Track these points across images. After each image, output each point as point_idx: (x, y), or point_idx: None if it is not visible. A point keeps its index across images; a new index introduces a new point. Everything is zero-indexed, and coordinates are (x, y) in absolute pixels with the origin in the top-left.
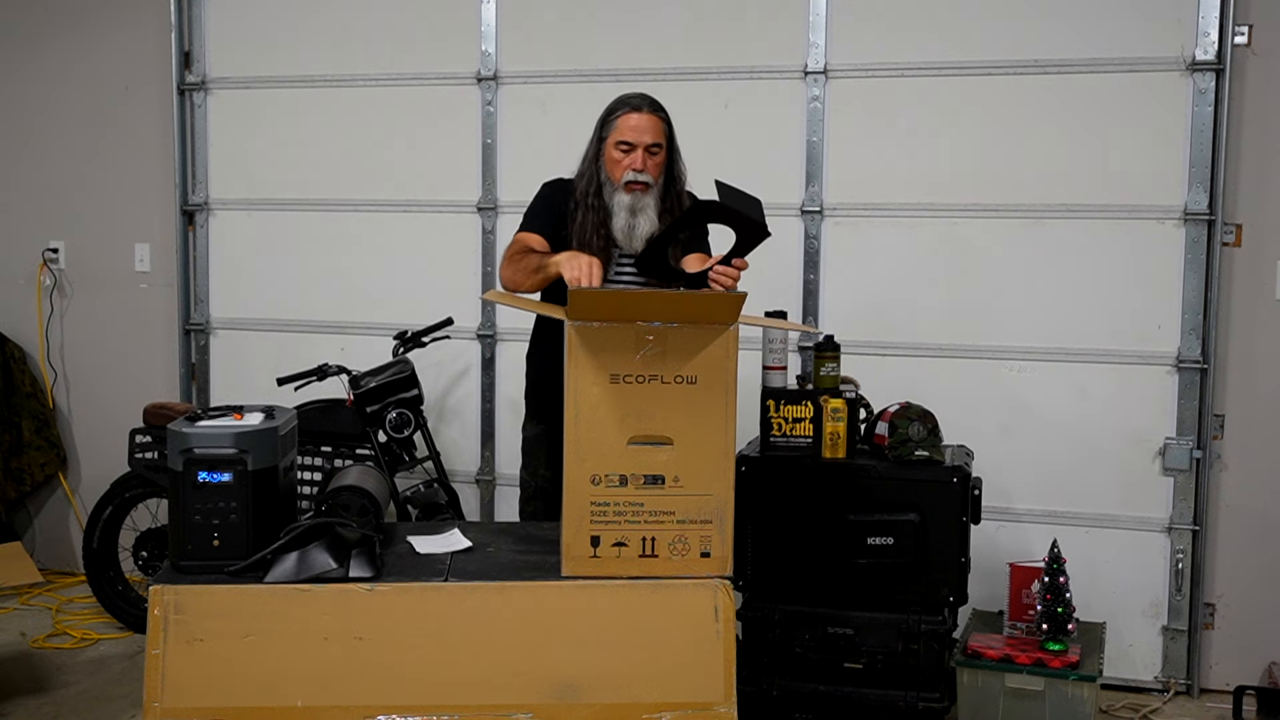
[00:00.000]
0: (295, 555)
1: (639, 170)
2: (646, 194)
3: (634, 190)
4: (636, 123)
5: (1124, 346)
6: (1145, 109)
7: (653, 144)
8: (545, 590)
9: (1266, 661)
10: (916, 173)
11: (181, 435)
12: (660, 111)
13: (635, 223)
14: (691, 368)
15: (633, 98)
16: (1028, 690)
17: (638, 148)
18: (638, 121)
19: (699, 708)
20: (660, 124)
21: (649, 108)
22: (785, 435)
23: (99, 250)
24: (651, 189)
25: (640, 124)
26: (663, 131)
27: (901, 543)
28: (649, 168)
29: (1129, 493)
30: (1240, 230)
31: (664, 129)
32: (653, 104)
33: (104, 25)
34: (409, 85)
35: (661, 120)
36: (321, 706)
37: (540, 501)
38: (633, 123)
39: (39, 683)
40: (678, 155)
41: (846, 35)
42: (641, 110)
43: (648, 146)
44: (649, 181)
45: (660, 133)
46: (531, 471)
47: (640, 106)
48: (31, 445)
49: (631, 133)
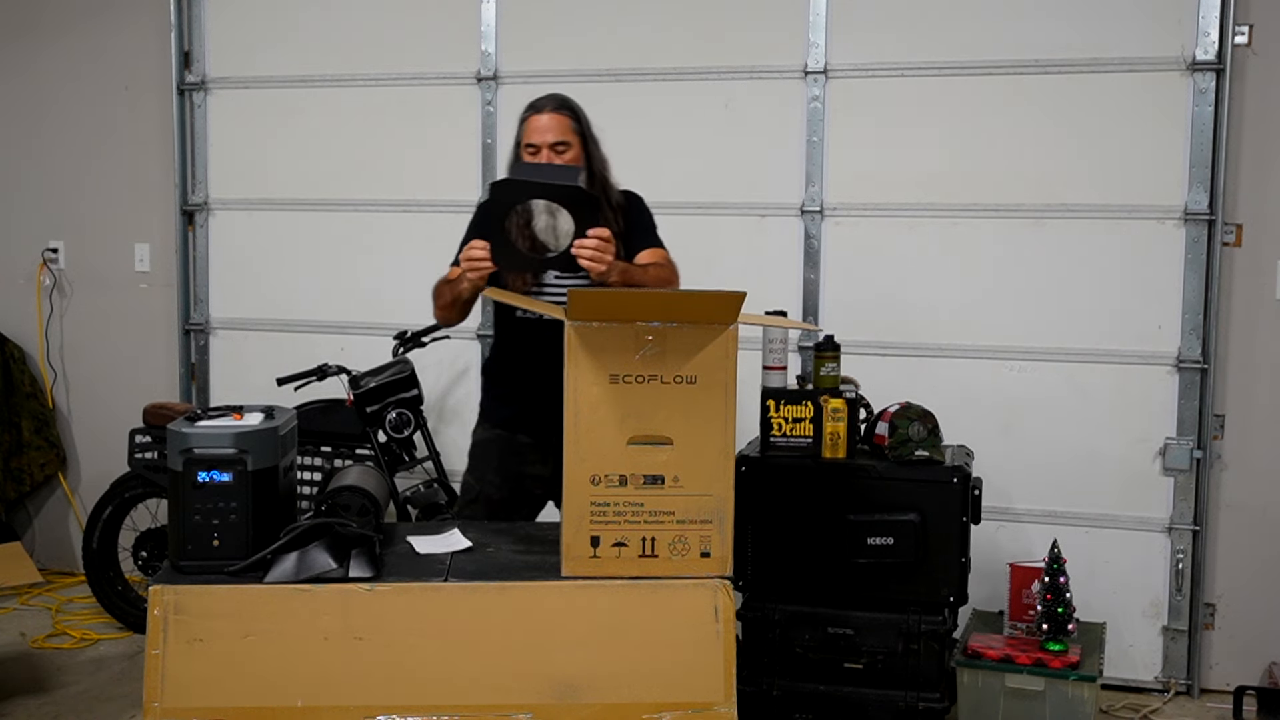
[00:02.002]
0: (295, 555)
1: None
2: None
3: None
4: (539, 124)
5: (1124, 346)
6: (1145, 109)
7: (557, 142)
8: (545, 590)
9: (1266, 661)
10: (916, 173)
11: (181, 435)
12: (565, 110)
13: (555, 223)
14: (691, 367)
15: (539, 100)
16: (1028, 690)
17: (542, 149)
18: (541, 123)
19: (699, 708)
20: (565, 121)
21: (552, 107)
22: (785, 435)
23: (99, 250)
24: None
25: (543, 125)
26: (569, 128)
27: (901, 543)
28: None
29: (1129, 493)
30: (1240, 230)
31: (571, 125)
32: (558, 103)
33: (104, 25)
34: (409, 85)
35: (567, 117)
36: (321, 706)
37: (482, 506)
38: (537, 124)
39: (39, 683)
40: (594, 148)
41: (846, 35)
42: (544, 111)
43: (552, 145)
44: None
45: (566, 129)
46: (478, 476)
47: (543, 108)
48: (31, 445)
49: (536, 134)
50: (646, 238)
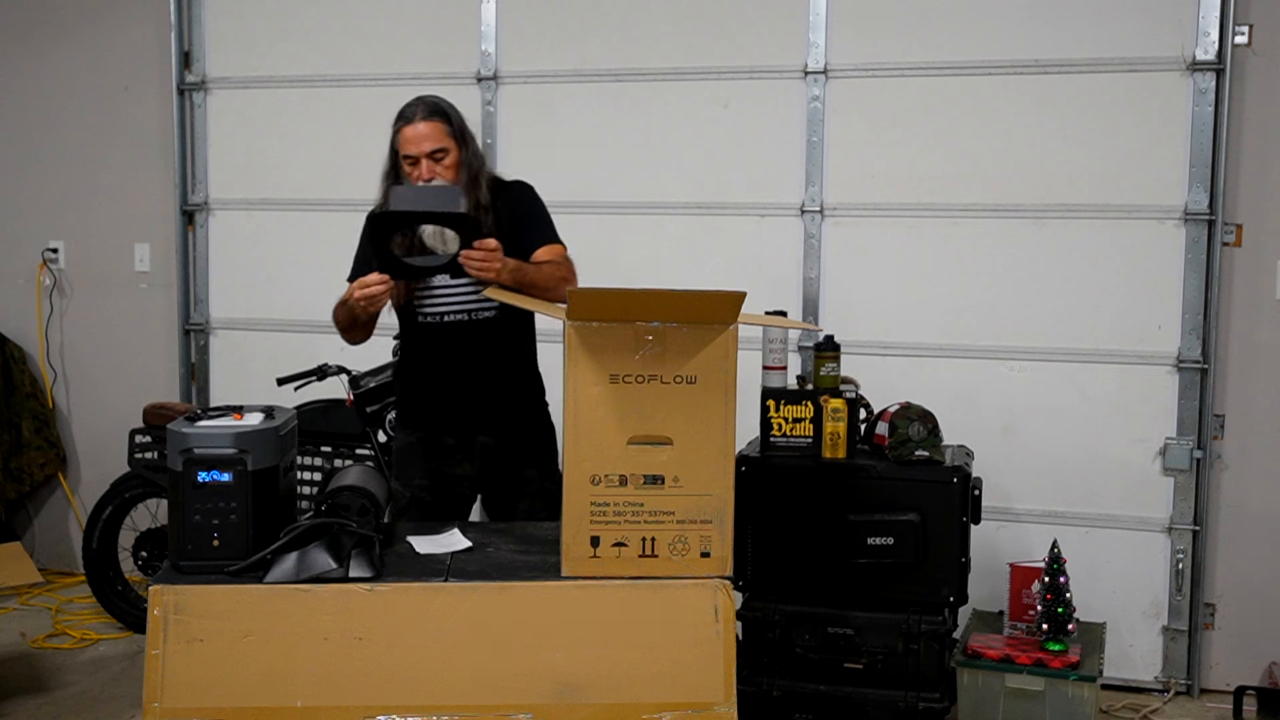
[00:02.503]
0: (295, 555)
1: (429, 180)
2: None
3: None
4: (413, 134)
5: (1124, 346)
6: (1145, 109)
7: (435, 150)
8: (545, 590)
9: (1266, 661)
10: (916, 173)
11: (181, 435)
12: (438, 115)
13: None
14: (691, 367)
15: (409, 108)
16: (1028, 690)
17: (419, 159)
18: (413, 133)
19: (699, 708)
20: (439, 127)
21: (423, 115)
22: (785, 435)
23: (99, 250)
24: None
25: (417, 134)
26: (444, 133)
27: (901, 543)
28: (438, 174)
29: (1129, 493)
30: (1240, 230)
31: (445, 129)
32: (429, 109)
33: (104, 25)
34: (409, 85)
35: (439, 123)
36: (321, 706)
37: (415, 511)
38: (409, 135)
39: (39, 683)
40: (471, 144)
41: (846, 35)
42: (415, 120)
43: (430, 154)
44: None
45: (441, 135)
46: (405, 482)
47: (413, 117)
48: (31, 445)
49: (412, 145)
50: (541, 231)
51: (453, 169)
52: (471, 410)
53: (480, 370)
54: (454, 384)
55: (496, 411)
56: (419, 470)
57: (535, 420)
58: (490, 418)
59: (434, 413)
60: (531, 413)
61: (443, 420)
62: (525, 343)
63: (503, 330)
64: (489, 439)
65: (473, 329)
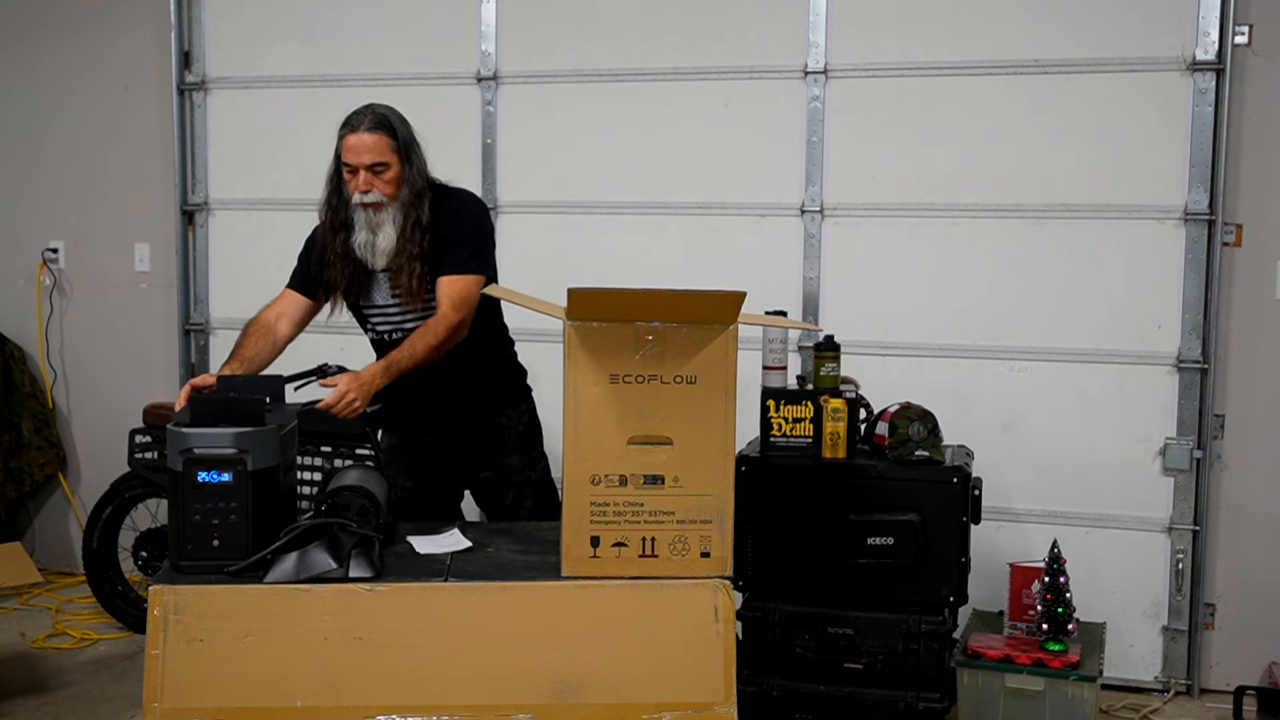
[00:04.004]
0: (295, 555)
1: (365, 191)
2: (381, 211)
3: (368, 208)
4: (356, 143)
5: (1124, 346)
6: (1145, 109)
7: (375, 163)
8: (545, 590)
9: (1266, 661)
10: (916, 173)
11: (181, 435)
12: (382, 127)
13: (374, 239)
14: (691, 367)
15: (355, 115)
16: (1028, 690)
17: (359, 169)
18: (357, 142)
19: (699, 708)
20: (382, 140)
21: (368, 126)
22: (785, 435)
23: (99, 250)
24: (386, 206)
25: (360, 144)
26: (387, 147)
27: (901, 543)
28: (376, 186)
29: (1129, 493)
30: (1240, 230)
31: (388, 143)
32: (374, 120)
33: (104, 25)
34: (409, 85)
35: (384, 135)
36: (321, 706)
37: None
38: (352, 143)
39: (39, 683)
40: (415, 158)
41: (846, 35)
42: (359, 130)
43: (369, 167)
44: (381, 200)
45: (383, 149)
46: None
47: (358, 125)
48: (31, 445)
49: (351, 154)
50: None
51: (393, 184)
52: (444, 412)
53: (443, 377)
54: (421, 392)
55: (470, 410)
56: (402, 471)
57: (516, 409)
58: (465, 416)
59: (411, 416)
60: (511, 403)
61: (421, 423)
62: (485, 337)
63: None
64: (470, 435)
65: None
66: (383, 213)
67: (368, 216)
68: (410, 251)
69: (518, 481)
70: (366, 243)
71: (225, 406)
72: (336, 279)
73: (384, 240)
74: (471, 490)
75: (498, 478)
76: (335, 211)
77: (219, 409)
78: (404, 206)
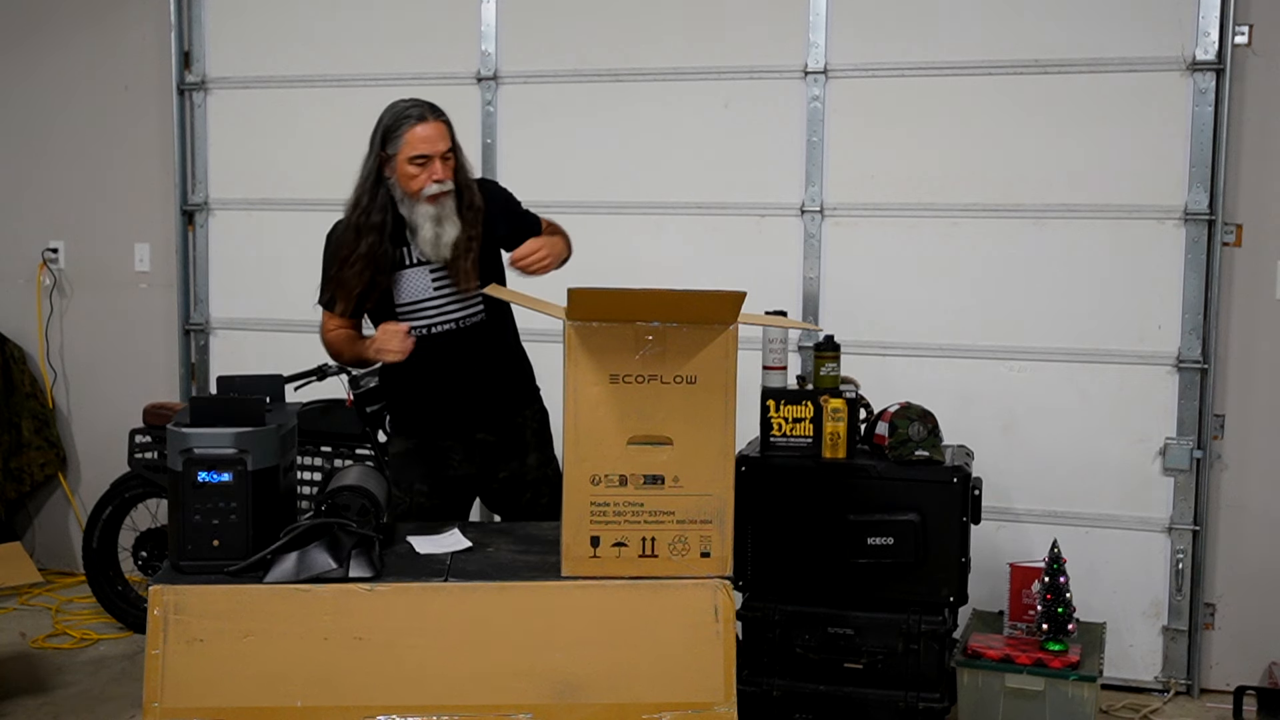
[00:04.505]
0: (295, 555)
1: (441, 180)
2: (449, 200)
3: (437, 200)
4: (429, 133)
5: (1124, 346)
6: (1145, 109)
7: (447, 151)
8: (545, 590)
9: (1266, 661)
10: (916, 173)
11: (181, 435)
12: (443, 115)
13: (442, 231)
14: (691, 367)
15: (414, 108)
16: (1028, 690)
17: (433, 158)
18: (431, 131)
19: (699, 708)
20: (445, 128)
21: (433, 114)
22: (785, 435)
23: (99, 250)
24: (450, 194)
25: (431, 134)
26: (448, 134)
27: (901, 543)
28: (446, 175)
29: (1129, 493)
30: (1240, 230)
31: (449, 131)
32: (433, 108)
33: (104, 26)
34: (409, 85)
35: (445, 124)
36: (321, 706)
37: (414, 517)
38: (423, 134)
39: (39, 683)
40: (461, 151)
41: (846, 35)
42: (427, 120)
43: (443, 155)
44: (451, 188)
45: (448, 136)
46: (405, 489)
47: (425, 116)
48: (31, 445)
49: (425, 144)
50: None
51: (452, 170)
52: (470, 411)
53: (476, 373)
54: (451, 390)
55: (494, 408)
56: (417, 475)
57: (531, 407)
58: (488, 415)
59: (432, 419)
60: (527, 401)
61: (441, 425)
62: (509, 333)
63: (491, 329)
64: (489, 435)
65: (462, 336)
66: (449, 202)
67: (437, 210)
68: (470, 233)
69: (534, 480)
70: (434, 238)
71: (225, 406)
72: (352, 281)
73: (451, 231)
74: (485, 492)
75: (515, 477)
76: (365, 214)
77: (219, 409)
78: (459, 193)
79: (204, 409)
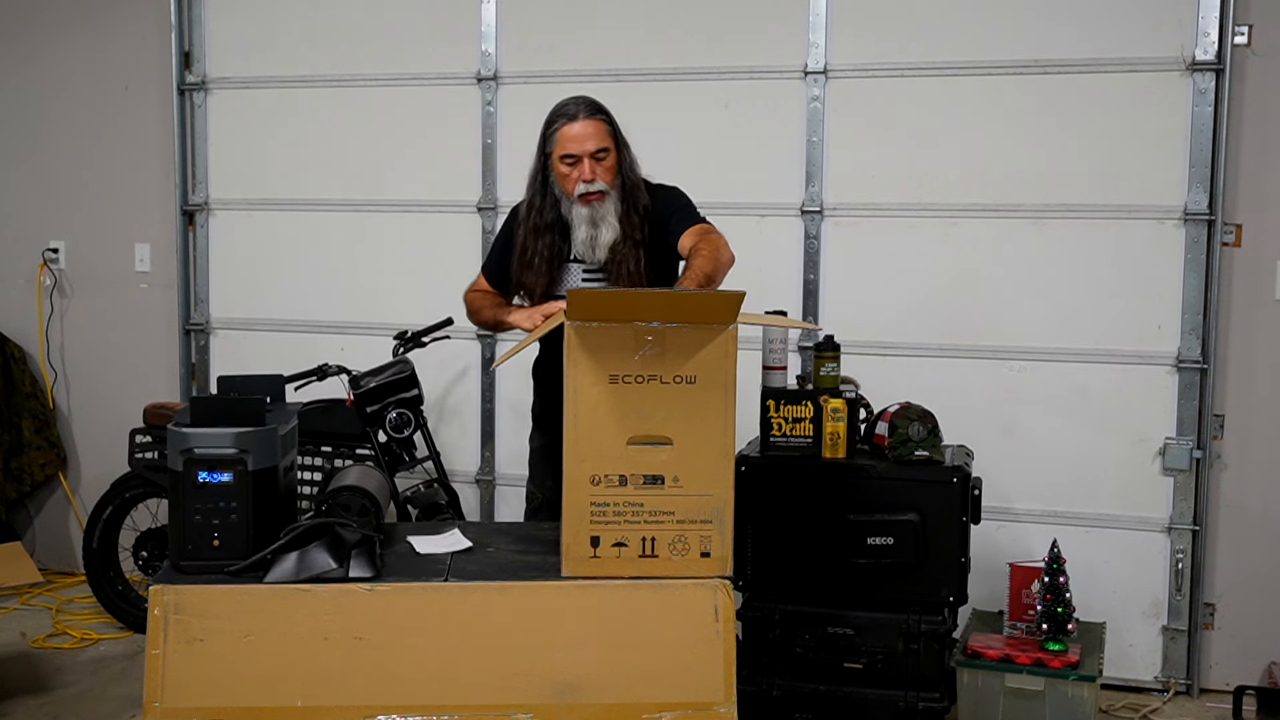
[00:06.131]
0: (295, 555)
1: (589, 180)
2: (604, 202)
3: (590, 201)
4: (577, 132)
5: (1124, 346)
6: (1145, 109)
7: (597, 150)
8: (545, 590)
9: (1266, 661)
10: (916, 173)
11: (181, 435)
12: (600, 113)
13: (597, 234)
14: (691, 367)
15: (569, 105)
16: (1028, 690)
17: (582, 158)
18: (578, 130)
19: (699, 708)
20: (602, 126)
21: (585, 113)
22: (785, 435)
23: (99, 250)
24: (609, 195)
25: (580, 133)
26: (606, 133)
27: (901, 543)
28: (599, 174)
29: (1129, 493)
30: (1240, 230)
31: (607, 129)
32: (590, 107)
33: (104, 25)
34: (409, 85)
35: (602, 121)
36: (321, 706)
37: (546, 514)
38: (573, 133)
39: (39, 683)
40: (627, 151)
41: (846, 35)
42: (578, 118)
43: (593, 154)
44: (604, 189)
45: (604, 135)
46: (539, 484)
47: (576, 114)
48: (31, 445)
49: (573, 144)
50: (682, 221)
51: (611, 171)
52: None
53: None
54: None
55: None
56: (552, 473)
57: None
58: None
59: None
60: None
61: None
62: None
63: None
64: None
65: None
66: (605, 203)
67: (590, 211)
68: (633, 238)
69: None
70: (588, 239)
71: (225, 406)
72: (537, 282)
73: (607, 233)
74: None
75: None
76: (540, 214)
77: (219, 409)
78: (622, 194)
79: (204, 409)
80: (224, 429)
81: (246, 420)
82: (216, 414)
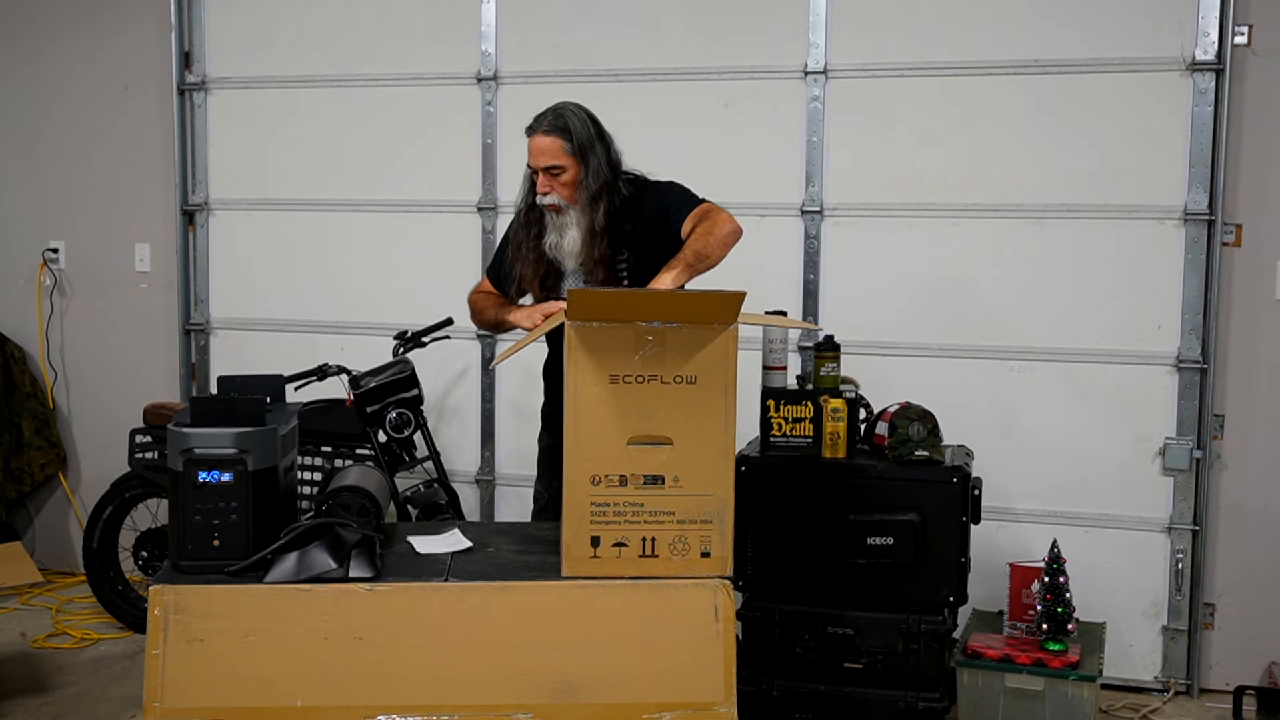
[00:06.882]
0: (295, 555)
1: (544, 193)
2: (561, 215)
3: (549, 210)
4: (532, 146)
5: (1124, 346)
6: (1145, 109)
7: (549, 166)
8: (545, 590)
9: (1266, 661)
10: (916, 173)
11: (182, 435)
12: (558, 130)
13: (561, 241)
14: (691, 367)
15: (537, 117)
16: (1028, 690)
17: (538, 172)
18: (533, 145)
19: (699, 708)
20: (556, 143)
21: (544, 128)
22: (785, 435)
23: (99, 250)
24: (566, 210)
25: (535, 147)
26: (560, 150)
27: (901, 543)
28: (555, 189)
29: (1129, 493)
30: (1240, 230)
31: (562, 146)
32: (551, 123)
33: (104, 25)
34: (409, 85)
35: (559, 138)
36: (321, 706)
37: (552, 514)
38: (531, 146)
39: (39, 683)
40: (593, 165)
41: (846, 35)
42: (536, 133)
43: (545, 169)
44: (558, 203)
45: (556, 153)
46: (546, 484)
47: (536, 129)
48: (31, 445)
49: (530, 156)
50: (680, 209)
51: (570, 187)
52: None
53: None
54: None
55: None
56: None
57: None
58: None
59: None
60: None
61: None
62: None
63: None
64: None
65: None
66: (564, 216)
67: (552, 218)
68: (594, 257)
69: None
70: (555, 244)
71: (225, 406)
72: (528, 276)
73: (569, 242)
74: None
75: None
76: (529, 210)
77: (219, 409)
78: (584, 210)
79: (204, 409)
80: (224, 429)
81: (246, 420)
82: (216, 414)
